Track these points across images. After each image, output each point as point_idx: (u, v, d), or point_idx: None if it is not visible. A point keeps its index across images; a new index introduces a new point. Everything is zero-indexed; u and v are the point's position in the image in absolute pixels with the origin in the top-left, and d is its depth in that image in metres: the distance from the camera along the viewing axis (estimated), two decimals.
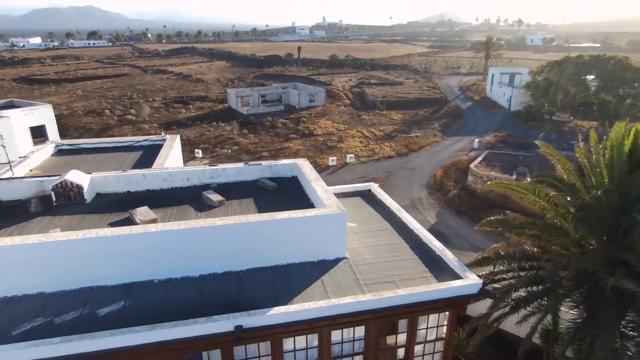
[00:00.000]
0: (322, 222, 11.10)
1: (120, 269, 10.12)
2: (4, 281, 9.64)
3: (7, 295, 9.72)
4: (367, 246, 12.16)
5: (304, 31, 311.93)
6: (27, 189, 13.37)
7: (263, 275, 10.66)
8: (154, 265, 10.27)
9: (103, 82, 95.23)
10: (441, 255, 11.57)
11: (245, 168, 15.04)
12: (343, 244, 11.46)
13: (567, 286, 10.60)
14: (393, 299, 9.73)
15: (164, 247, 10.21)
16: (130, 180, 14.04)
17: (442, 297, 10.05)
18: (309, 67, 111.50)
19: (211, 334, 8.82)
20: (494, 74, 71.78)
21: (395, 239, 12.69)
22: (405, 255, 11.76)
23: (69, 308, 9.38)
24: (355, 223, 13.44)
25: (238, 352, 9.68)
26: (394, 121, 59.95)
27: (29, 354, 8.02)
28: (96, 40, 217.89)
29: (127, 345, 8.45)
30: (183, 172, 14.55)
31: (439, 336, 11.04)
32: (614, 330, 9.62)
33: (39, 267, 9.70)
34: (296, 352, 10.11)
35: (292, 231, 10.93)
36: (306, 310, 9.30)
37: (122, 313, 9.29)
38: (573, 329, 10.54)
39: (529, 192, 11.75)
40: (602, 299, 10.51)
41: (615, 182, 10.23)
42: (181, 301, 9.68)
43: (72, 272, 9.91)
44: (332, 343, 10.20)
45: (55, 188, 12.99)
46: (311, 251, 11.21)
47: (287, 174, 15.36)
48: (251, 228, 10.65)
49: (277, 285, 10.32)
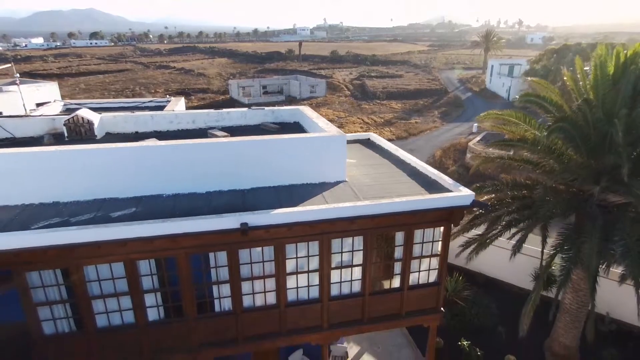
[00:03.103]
0: (322, 144, 11.63)
1: (131, 181, 10.60)
2: (21, 189, 10.13)
3: (25, 202, 10.25)
4: (366, 174, 12.70)
5: (304, 32, 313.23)
6: (40, 127, 13.93)
7: (267, 192, 11.18)
8: (163, 179, 10.73)
9: (105, 77, 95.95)
10: (437, 178, 12.11)
11: (248, 112, 15.60)
12: (343, 167, 11.99)
13: (555, 202, 11.12)
14: (390, 205, 10.26)
15: (172, 161, 10.69)
16: (138, 121, 14.60)
17: (437, 207, 10.57)
18: (309, 62, 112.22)
19: (218, 230, 9.32)
20: (494, 65, 72.42)
21: (393, 169, 13.25)
22: (403, 180, 12.31)
23: (84, 212, 9.91)
24: (355, 159, 13.99)
25: (243, 256, 10.21)
26: (394, 110, 60.55)
27: (47, 239, 8.55)
28: (98, 40, 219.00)
29: (138, 236, 8.98)
30: (189, 114, 15.12)
31: (434, 252, 11.55)
32: (599, 235, 10.13)
33: (54, 176, 10.17)
34: (298, 259, 10.63)
35: (294, 152, 11.42)
36: (307, 211, 9.83)
37: (134, 215, 9.80)
38: (562, 238, 11.05)
39: (520, 120, 12.30)
40: (589, 212, 11.03)
41: (600, 101, 10.77)
42: (190, 208, 10.19)
43: (85, 183, 10.38)
44: (332, 252, 10.74)
45: (67, 123, 13.56)
46: (312, 173, 11.72)
47: (290, 119, 15.92)
48: (254, 146, 11.17)
49: (280, 198, 10.83)
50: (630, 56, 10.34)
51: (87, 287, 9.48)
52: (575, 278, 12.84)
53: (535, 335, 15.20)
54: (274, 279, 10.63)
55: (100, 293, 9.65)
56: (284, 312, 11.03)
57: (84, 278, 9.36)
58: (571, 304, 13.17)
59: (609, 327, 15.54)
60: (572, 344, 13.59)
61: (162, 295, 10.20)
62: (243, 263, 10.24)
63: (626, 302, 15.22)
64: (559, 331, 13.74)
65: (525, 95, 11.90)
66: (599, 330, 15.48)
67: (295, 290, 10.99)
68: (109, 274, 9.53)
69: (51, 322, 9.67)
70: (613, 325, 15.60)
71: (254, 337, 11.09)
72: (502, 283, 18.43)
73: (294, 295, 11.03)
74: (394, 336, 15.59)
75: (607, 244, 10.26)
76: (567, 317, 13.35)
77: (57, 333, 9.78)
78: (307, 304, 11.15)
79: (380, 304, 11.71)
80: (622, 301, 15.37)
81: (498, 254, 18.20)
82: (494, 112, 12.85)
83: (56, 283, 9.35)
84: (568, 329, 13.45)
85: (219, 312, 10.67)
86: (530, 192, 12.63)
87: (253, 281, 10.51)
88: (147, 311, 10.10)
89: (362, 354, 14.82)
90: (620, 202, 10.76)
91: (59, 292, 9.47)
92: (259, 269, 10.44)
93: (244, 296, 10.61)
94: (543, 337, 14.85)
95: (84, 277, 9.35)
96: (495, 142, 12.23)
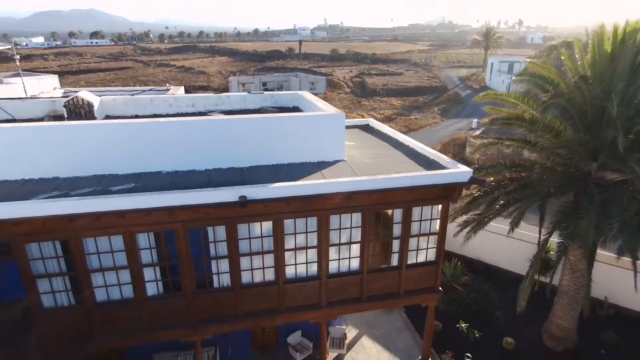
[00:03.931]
0: (321, 122, 11.68)
1: (130, 158, 10.63)
2: (20, 164, 10.14)
3: (25, 177, 10.28)
4: (365, 155, 12.75)
5: (305, 32, 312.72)
6: (40, 109, 13.99)
7: (265, 170, 11.21)
8: (162, 156, 10.76)
9: (106, 74, 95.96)
10: (435, 158, 12.15)
11: (248, 97, 15.64)
12: (341, 146, 12.02)
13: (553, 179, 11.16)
14: (388, 180, 10.30)
15: (171, 139, 10.71)
16: (138, 104, 14.64)
17: (435, 183, 10.60)
18: (310, 61, 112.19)
19: (217, 203, 9.35)
20: (493, 63, 72.51)
21: (392, 151, 13.31)
22: (402, 160, 12.36)
23: (83, 186, 9.95)
24: (354, 142, 14.04)
25: (242, 231, 10.25)
26: (394, 106, 60.63)
27: (46, 209, 8.59)
28: (99, 39, 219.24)
29: (137, 208, 9.01)
30: (188, 97, 15.17)
31: (433, 231, 11.58)
32: (597, 211, 10.17)
33: (53, 152, 10.19)
34: (296, 235, 10.66)
35: (293, 131, 11.47)
36: (305, 185, 9.88)
37: (134, 189, 9.81)
38: (560, 215, 11.08)
39: (518, 100, 12.34)
40: (587, 190, 11.08)
41: (598, 78, 10.81)
42: (189, 185, 10.21)
43: (84, 159, 10.41)
44: (330, 229, 10.77)
45: (67, 105, 13.58)
46: (311, 152, 11.76)
47: (289, 103, 15.95)
48: (253, 124, 11.21)
49: (279, 176, 10.84)
50: (628, 32, 10.38)
51: (86, 259, 9.52)
52: (572, 259, 12.91)
53: (533, 319, 15.26)
54: (272, 255, 10.67)
55: (99, 266, 9.70)
56: (283, 289, 11.07)
57: (83, 250, 9.41)
58: (569, 285, 13.22)
59: (607, 312, 15.57)
60: (569, 325, 13.63)
61: (161, 270, 10.24)
62: (242, 238, 10.28)
63: (624, 287, 15.27)
64: (557, 313, 13.78)
65: (521, 73, 11.95)
66: (598, 315, 15.53)
67: (294, 267, 11.03)
68: (108, 247, 9.57)
69: (50, 295, 9.71)
70: (612, 309, 15.63)
71: (253, 314, 11.13)
72: (500, 270, 18.46)
73: (292, 273, 11.07)
74: (392, 320, 15.63)
75: (604, 220, 10.29)
76: (565, 299, 13.38)
77: (57, 306, 9.83)
78: (305, 281, 11.19)
79: (378, 282, 11.75)
80: (620, 286, 15.41)
81: (496, 242, 18.27)
82: (492, 93, 12.90)
83: (55, 255, 9.39)
84: (566, 310, 13.48)
85: (218, 288, 10.71)
86: (528, 173, 12.68)
87: (252, 257, 10.55)
88: (146, 286, 10.14)
89: (361, 337, 14.85)
90: (617, 180, 10.79)
91: (59, 265, 9.51)
92: (257, 244, 10.48)
93: (242, 272, 10.65)
94: (541, 322, 14.88)
95: (83, 249, 9.39)
96: (495, 120, 12.25)
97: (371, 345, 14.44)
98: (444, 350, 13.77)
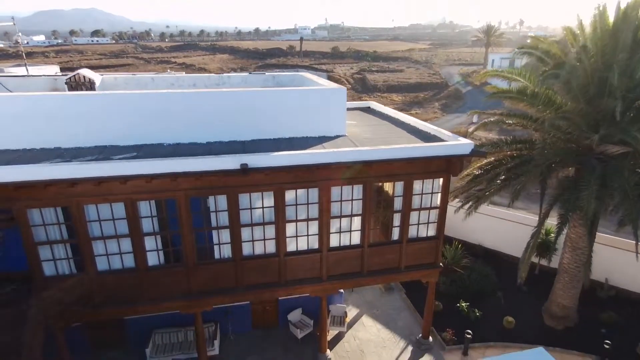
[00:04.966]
0: (322, 95, 11.68)
1: (132, 129, 10.61)
2: (22, 134, 10.13)
3: (26, 147, 10.29)
4: (366, 131, 12.75)
5: (306, 31, 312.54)
6: (42, 86, 13.97)
7: (267, 144, 11.20)
8: (163, 127, 10.74)
9: (107, 70, 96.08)
10: (436, 133, 12.15)
11: (249, 77, 15.66)
12: (342, 121, 12.02)
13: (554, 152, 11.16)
14: (389, 151, 10.30)
15: (172, 109, 10.68)
16: (139, 83, 14.65)
17: (436, 154, 10.61)
18: (310, 58, 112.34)
19: (218, 170, 9.35)
20: (494, 59, 72.60)
21: (394, 128, 13.32)
22: (403, 135, 12.35)
23: (86, 155, 9.95)
24: (355, 121, 14.03)
25: (243, 201, 10.25)
26: (394, 102, 60.61)
27: (47, 172, 8.60)
28: (99, 37, 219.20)
29: (138, 173, 9.01)
30: (190, 77, 15.18)
31: (434, 205, 11.58)
32: (598, 183, 10.17)
33: (55, 122, 10.17)
34: (297, 207, 10.66)
35: (294, 104, 11.46)
36: (306, 154, 9.90)
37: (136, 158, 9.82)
38: (560, 188, 11.08)
39: (519, 76, 12.34)
40: (588, 164, 11.07)
41: (600, 50, 10.80)
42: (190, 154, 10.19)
43: (86, 130, 10.41)
44: (331, 200, 10.76)
45: (69, 82, 13.60)
46: (312, 127, 11.75)
47: (290, 84, 15.94)
48: (254, 97, 11.20)
49: (280, 148, 10.82)
50: (631, 4, 10.37)
51: (87, 227, 9.53)
52: (573, 237, 12.90)
53: (534, 300, 15.25)
54: (273, 226, 10.67)
55: (100, 234, 9.71)
56: (284, 261, 11.07)
57: (84, 217, 9.41)
58: (569, 263, 13.21)
59: (607, 293, 15.55)
60: (570, 304, 13.62)
61: (162, 239, 10.25)
62: (243, 208, 10.28)
63: (625, 269, 15.32)
64: (558, 292, 13.77)
65: (521, 46, 11.96)
66: (598, 296, 15.53)
67: (295, 239, 11.03)
68: (110, 214, 9.58)
69: (52, 263, 9.72)
70: (612, 291, 15.61)
71: (253, 287, 11.13)
72: (501, 254, 18.45)
73: (293, 245, 11.08)
74: (392, 300, 15.64)
75: (605, 191, 10.30)
76: (566, 277, 13.38)
77: (58, 274, 9.84)
78: (306, 253, 11.19)
79: (379, 256, 11.75)
80: (620, 268, 15.42)
81: (497, 226, 18.29)
82: (492, 70, 12.89)
83: (57, 222, 9.40)
84: (566, 289, 13.48)
85: (219, 259, 10.71)
86: (529, 150, 12.66)
87: (253, 228, 10.56)
88: (147, 255, 10.15)
89: (361, 316, 14.85)
90: (618, 153, 10.78)
91: (60, 232, 9.52)
92: (258, 215, 10.48)
93: (243, 243, 10.65)
94: (541, 304, 14.85)
95: (84, 216, 9.40)
96: (495, 94, 12.22)
97: (371, 324, 14.44)
98: (444, 328, 13.77)
